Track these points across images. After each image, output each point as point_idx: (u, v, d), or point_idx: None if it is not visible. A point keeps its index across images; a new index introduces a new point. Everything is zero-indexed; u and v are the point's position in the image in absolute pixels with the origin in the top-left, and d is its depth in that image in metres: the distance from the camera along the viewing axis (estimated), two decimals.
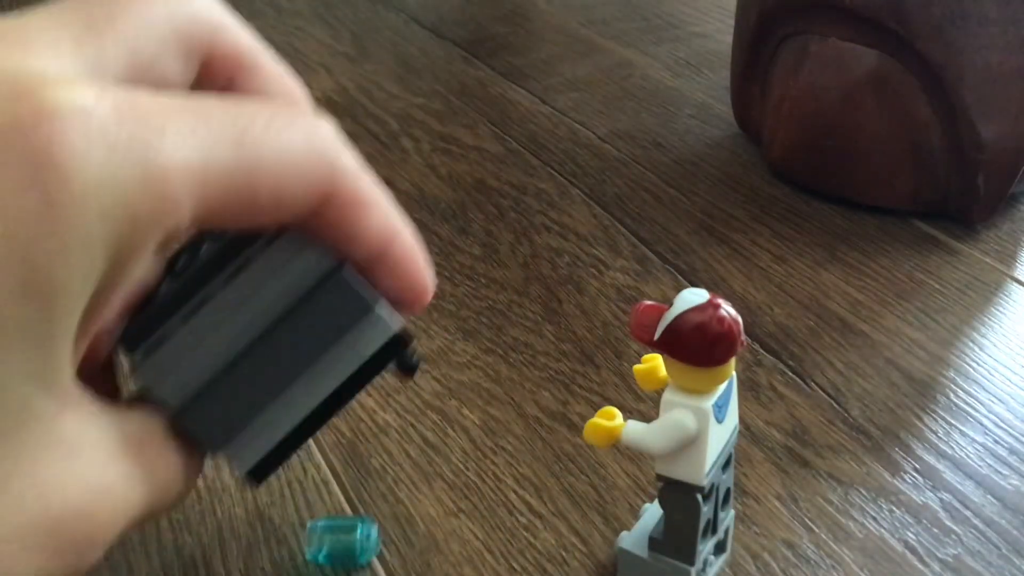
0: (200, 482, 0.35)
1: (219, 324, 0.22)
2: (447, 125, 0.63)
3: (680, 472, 0.28)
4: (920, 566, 0.32)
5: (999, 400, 0.40)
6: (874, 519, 0.34)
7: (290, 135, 0.20)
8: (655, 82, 0.70)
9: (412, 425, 0.38)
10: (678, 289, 0.37)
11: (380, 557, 0.32)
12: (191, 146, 0.18)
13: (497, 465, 0.36)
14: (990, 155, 0.49)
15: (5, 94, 0.17)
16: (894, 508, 0.34)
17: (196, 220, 0.19)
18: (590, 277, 0.47)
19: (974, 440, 0.38)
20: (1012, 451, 0.37)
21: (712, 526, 0.30)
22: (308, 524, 0.32)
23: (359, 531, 0.31)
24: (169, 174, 0.18)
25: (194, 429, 0.22)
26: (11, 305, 0.17)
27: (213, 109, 0.19)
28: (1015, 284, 0.47)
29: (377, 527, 0.32)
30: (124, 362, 0.23)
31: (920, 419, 0.39)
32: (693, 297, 0.26)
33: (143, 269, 0.20)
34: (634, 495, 0.35)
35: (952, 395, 0.40)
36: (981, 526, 0.34)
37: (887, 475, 0.36)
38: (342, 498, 0.35)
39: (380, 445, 0.36)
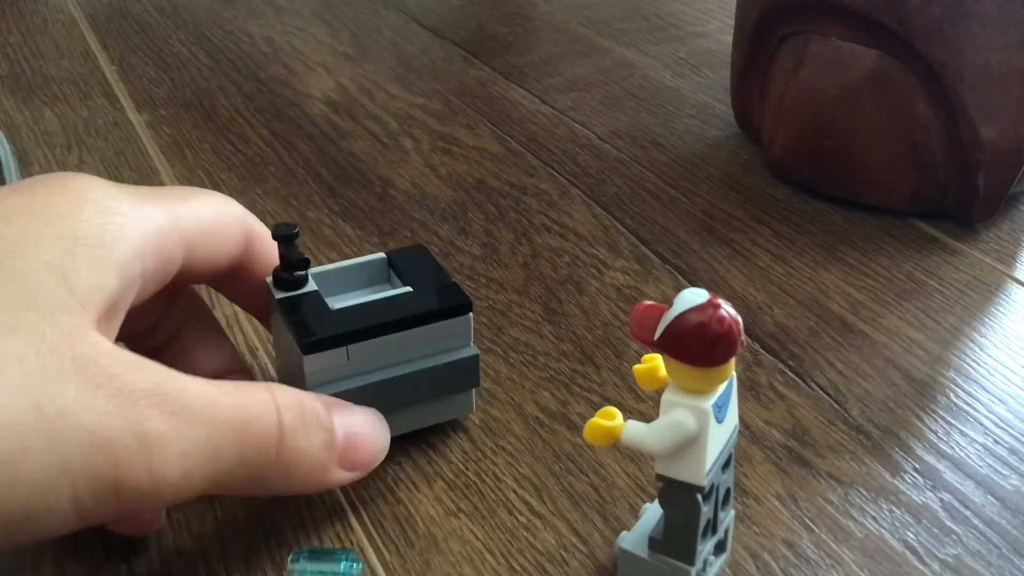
0: None
1: None
2: (447, 125, 0.63)
3: (680, 472, 0.28)
4: (920, 566, 0.32)
5: (999, 400, 0.40)
6: (874, 519, 0.34)
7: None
8: (655, 82, 0.70)
9: None
10: (678, 289, 0.37)
11: (380, 557, 0.32)
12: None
13: (497, 465, 0.36)
14: (990, 155, 0.49)
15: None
16: (894, 508, 0.34)
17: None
18: (590, 277, 0.47)
19: (974, 440, 0.38)
20: (1012, 451, 0.37)
21: (712, 526, 0.30)
22: (290, 556, 0.31)
23: (343, 565, 0.30)
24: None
25: None
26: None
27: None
28: (1015, 284, 0.47)
29: (363, 562, 0.31)
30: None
31: (920, 419, 0.39)
32: (693, 297, 0.26)
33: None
34: (634, 495, 0.35)
35: (952, 395, 0.40)
36: (981, 526, 0.34)
37: (887, 475, 0.36)
38: (342, 498, 0.35)
39: None
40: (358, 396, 0.34)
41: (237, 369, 0.35)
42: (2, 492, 0.22)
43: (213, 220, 0.31)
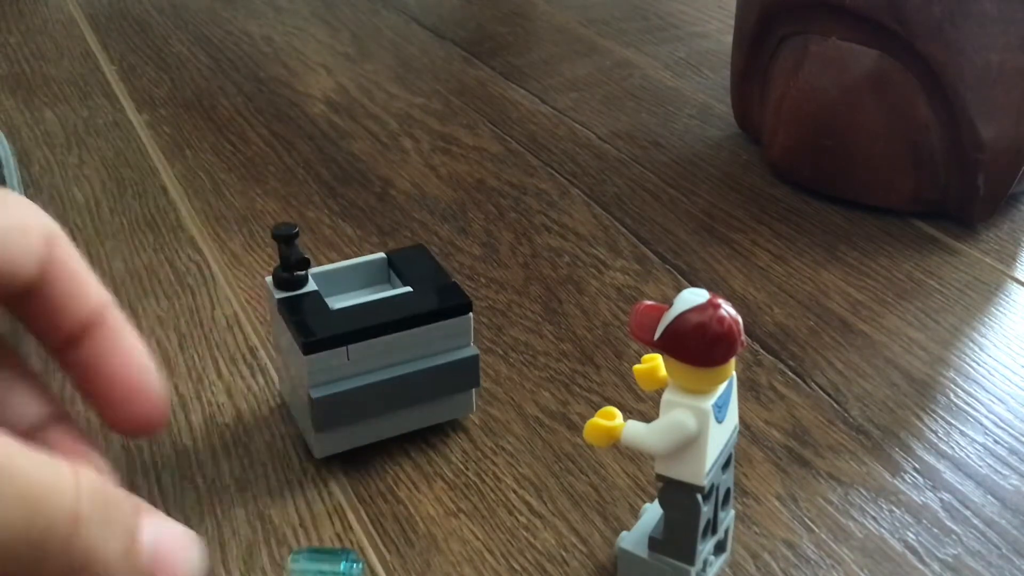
0: (199, 482, 0.35)
1: None
2: (447, 125, 0.63)
3: (680, 472, 0.28)
4: (920, 566, 0.32)
5: (999, 400, 0.40)
6: (874, 519, 0.34)
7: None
8: (655, 82, 0.70)
9: None
10: (678, 289, 0.37)
11: (380, 557, 0.32)
12: None
13: (497, 465, 0.36)
14: (990, 155, 0.49)
15: None
16: (894, 508, 0.34)
17: None
18: (590, 277, 0.47)
19: (974, 440, 0.38)
20: (1012, 451, 0.37)
21: (712, 526, 0.30)
22: (290, 555, 0.31)
23: (343, 565, 0.30)
24: None
25: None
26: None
27: None
28: (1015, 284, 0.47)
29: (363, 562, 0.31)
30: None
31: (920, 419, 0.39)
32: (693, 297, 0.26)
33: None
34: (634, 495, 0.35)
35: (952, 395, 0.40)
36: (981, 526, 0.34)
37: (887, 475, 0.36)
38: (342, 498, 0.35)
39: (380, 445, 0.36)
40: (359, 396, 0.34)
41: (61, 416, 0.32)
42: None
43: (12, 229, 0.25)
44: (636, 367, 0.29)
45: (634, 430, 0.28)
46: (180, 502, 0.34)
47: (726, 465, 0.30)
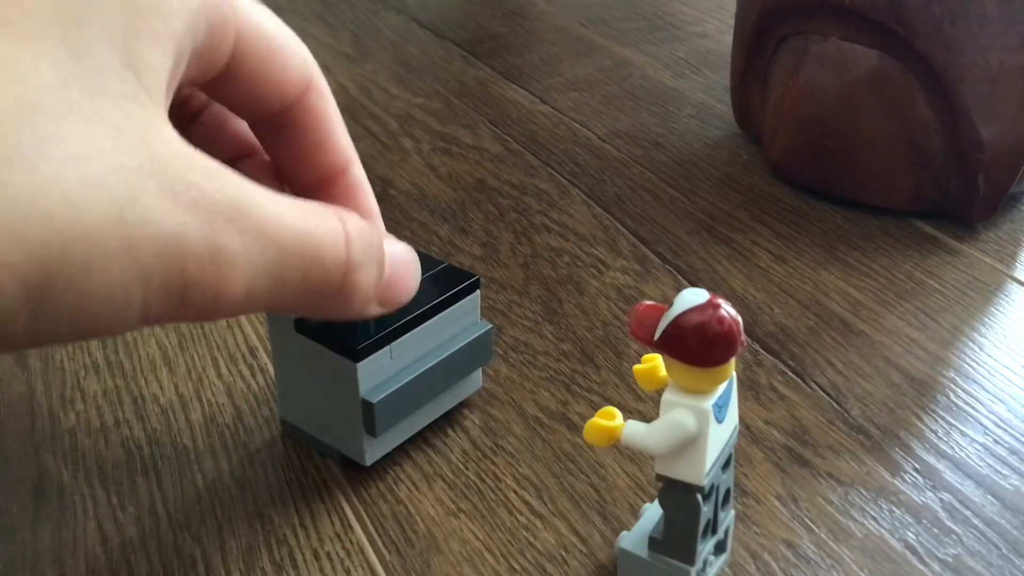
0: (199, 481, 0.35)
1: None
2: (447, 125, 0.63)
3: (680, 472, 0.28)
4: (920, 566, 0.32)
5: (999, 400, 0.40)
6: (874, 519, 0.34)
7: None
8: (655, 82, 0.70)
9: None
10: (678, 289, 0.37)
11: (380, 557, 0.32)
12: None
13: (497, 465, 0.36)
14: (990, 155, 0.49)
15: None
16: (894, 508, 0.34)
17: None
18: (590, 277, 0.47)
19: (974, 440, 0.38)
20: (1012, 451, 0.37)
21: (712, 526, 0.30)
22: None
23: None
24: None
25: None
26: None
27: None
28: (1015, 284, 0.47)
29: None
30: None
31: (920, 419, 0.39)
32: (693, 297, 0.26)
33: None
34: (634, 495, 0.35)
35: (952, 395, 0.40)
36: (981, 526, 0.34)
37: (887, 475, 0.36)
38: (342, 498, 0.35)
39: None
40: (407, 392, 0.34)
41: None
42: (78, 299, 0.20)
43: (275, 35, 0.26)
44: (636, 367, 0.29)
45: (634, 430, 0.28)
46: (180, 502, 0.34)
47: (726, 465, 0.30)
